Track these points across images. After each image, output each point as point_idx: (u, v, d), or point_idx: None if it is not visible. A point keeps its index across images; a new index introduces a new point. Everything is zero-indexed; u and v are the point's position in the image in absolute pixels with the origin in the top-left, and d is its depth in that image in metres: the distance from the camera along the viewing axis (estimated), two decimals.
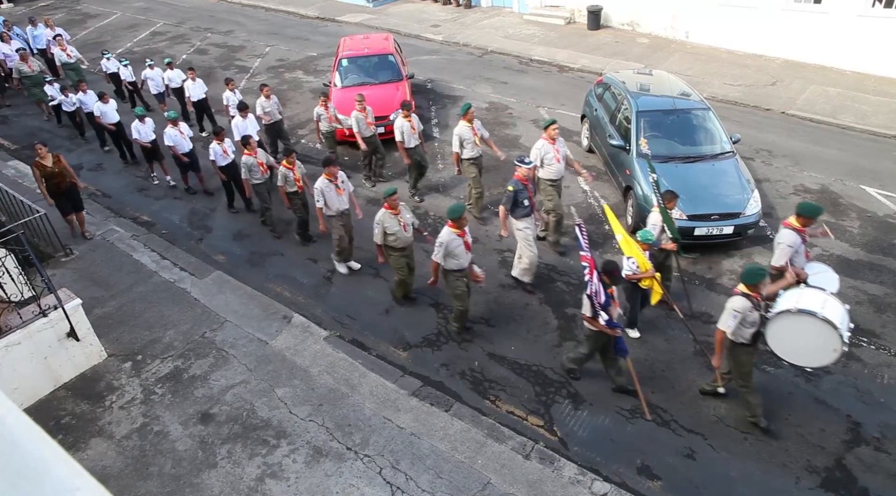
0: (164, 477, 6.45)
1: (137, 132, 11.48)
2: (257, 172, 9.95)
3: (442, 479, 6.23)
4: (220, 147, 10.50)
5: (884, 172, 11.31)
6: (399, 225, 7.95)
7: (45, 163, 9.59)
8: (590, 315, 6.63)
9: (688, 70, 15.59)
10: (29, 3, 26.53)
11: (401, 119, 10.62)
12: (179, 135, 11.09)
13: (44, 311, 7.26)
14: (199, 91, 13.56)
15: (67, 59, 15.57)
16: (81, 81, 13.25)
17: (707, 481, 6.31)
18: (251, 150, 9.85)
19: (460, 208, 7.42)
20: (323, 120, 11.67)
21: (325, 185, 8.68)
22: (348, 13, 22.25)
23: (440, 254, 7.42)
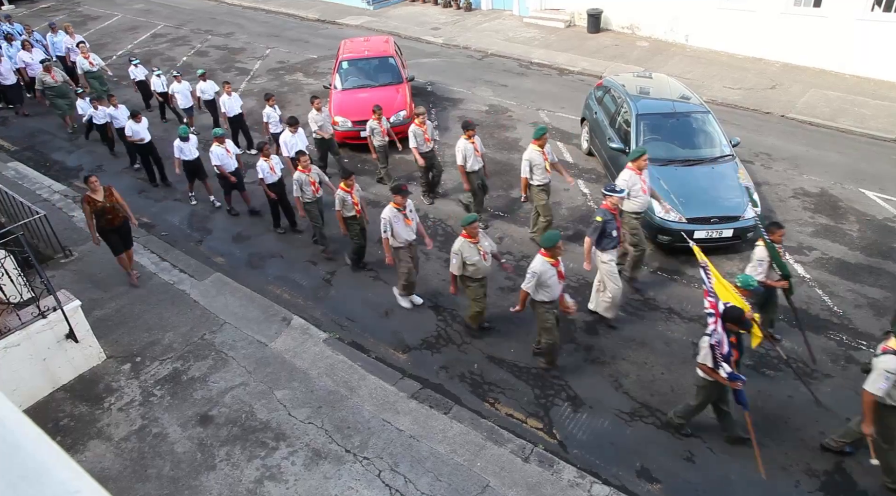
0: (163, 479, 6.44)
1: (180, 151, 10.81)
2: (309, 191, 9.38)
3: (441, 482, 6.23)
4: (268, 164, 9.92)
5: (883, 176, 11.32)
6: (479, 254, 7.41)
7: (96, 197, 8.52)
8: (710, 365, 5.97)
9: (687, 73, 15.61)
10: (29, 5, 26.57)
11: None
12: (226, 153, 10.48)
13: (43, 313, 7.26)
14: (235, 105, 12.75)
15: (90, 67, 15.07)
16: (111, 95, 12.69)
17: (706, 484, 6.31)
18: (305, 167, 9.31)
19: (555, 237, 6.84)
20: (377, 134, 11.10)
21: (392, 215, 8.00)
22: (349, 15, 22.28)
23: (531, 284, 6.88)
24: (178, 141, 10.81)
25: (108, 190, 8.74)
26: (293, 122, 10.75)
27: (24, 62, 15.66)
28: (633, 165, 8.33)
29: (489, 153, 12.63)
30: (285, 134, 10.82)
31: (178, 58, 19.03)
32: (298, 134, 10.80)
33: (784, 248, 7.25)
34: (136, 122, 11.58)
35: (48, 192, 11.80)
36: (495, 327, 8.41)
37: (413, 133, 10.46)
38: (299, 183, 9.29)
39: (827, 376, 7.44)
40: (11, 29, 18.08)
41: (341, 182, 8.74)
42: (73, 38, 16.43)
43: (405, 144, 11.34)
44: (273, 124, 12.10)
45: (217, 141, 10.44)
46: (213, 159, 10.43)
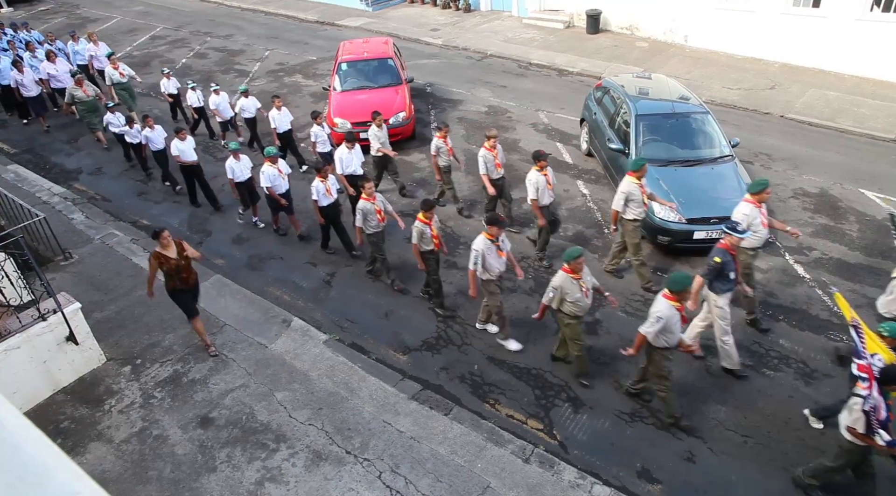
0: (164, 481, 6.44)
1: (232, 171, 10.10)
2: (374, 220, 8.56)
3: (441, 483, 6.23)
4: (324, 185, 9.19)
5: (882, 176, 11.33)
6: (581, 291, 6.85)
7: (167, 254, 7.33)
8: (862, 431, 5.38)
9: (687, 74, 15.62)
10: (28, 7, 26.59)
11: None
12: (278, 174, 9.78)
13: (43, 315, 7.26)
14: (285, 121, 12.00)
15: (121, 77, 14.27)
16: (148, 117, 11.69)
17: (707, 484, 6.30)
18: (369, 195, 8.45)
19: (685, 279, 6.29)
20: (442, 154, 10.23)
21: (486, 246, 7.31)
22: (348, 17, 22.30)
23: (656, 327, 6.29)
24: (231, 160, 10.07)
25: (179, 245, 7.51)
26: (350, 139, 10.08)
27: (49, 74, 14.86)
28: (752, 198, 7.60)
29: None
30: (341, 150, 10.07)
31: (177, 60, 19.04)
32: (355, 151, 10.08)
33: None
34: (182, 139, 10.71)
35: (48, 194, 11.81)
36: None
37: (483, 158, 9.50)
38: (363, 212, 8.46)
39: (827, 376, 7.44)
40: (30, 37, 17.39)
41: (422, 213, 7.91)
42: (96, 46, 15.85)
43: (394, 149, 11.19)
44: (321, 143, 11.38)
45: (269, 160, 9.75)
46: (263, 180, 9.75)
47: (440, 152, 10.21)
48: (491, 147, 9.53)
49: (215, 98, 12.78)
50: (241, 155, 10.13)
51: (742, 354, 7.77)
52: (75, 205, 11.44)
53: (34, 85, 14.60)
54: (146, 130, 11.51)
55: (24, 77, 14.37)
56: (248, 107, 12.71)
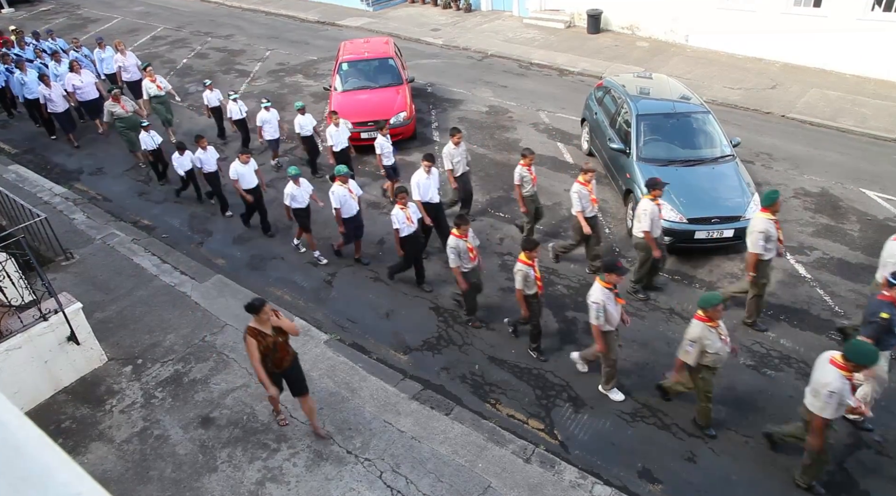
0: (165, 481, 6.45)
1: (292, 198, 9.35)
2: (467, 258, 7.84)
3: (442, 483, 6.23)
4: (404, 213, 8.44)
5: (884, 175, 11.32)
6: (721, 339, 6.26)
7: (264, 330, 6.12)
8: None
9: (688, 73, 15.61)
10: (29, 8, 26.62)
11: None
12: (348, 194, 9.06)
13: (44, 315, 7.27)
14: (343, 138, 11.22)
15: (158, 90, 13.30)
16: (201, 137, 10.73)
17: (708, 485, 6.30)
18: (463, 233, 7.67)
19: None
20: (526, 182, 9.27)
21: (606, 297, 6.62)
22: (348, 17, 22.30)
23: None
24: (291, 185, 9.33)
25: (275, 313, 6.21)
26: (430, 160, 9.12)
27: (74, 86, 13.75)
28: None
29: (488, 154, 12.67)
30: (419, 175, 9.06)
31: (178, 60, 19.05)
32: (433, 174, 9.12)
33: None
34: (244, 163, 9.84)
35: (49, 194, 11.82)
36: (496, 328, 8.42)
37: (577, 194, 8.68)
38: (456, 250, 7.72)
39: None
40: (55, 45, 16.33)
41: (524, 253, 7.27)
42: (124, 56, 14.87)
43: None
44: (386, 156, 10.64)
45: (340, 180, 9.00)
46: (333, 202, 8.99)
47: (524, 181, 9.25)
48: (587, 181, 8.72)
49: (264, 114, 11.90)
50: (301, 180, 9.37)
51: (743, 354, 7.78)
52: (76, 205, 11.45)
53: (62, 100, 13.60)
54: (199, 152, 10.63)
55: (52, 92, 13.43)
56: (305, 125, 11.74)
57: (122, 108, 12.48)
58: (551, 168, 12.04)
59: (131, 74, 14.91)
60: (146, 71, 13.46)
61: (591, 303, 6.65)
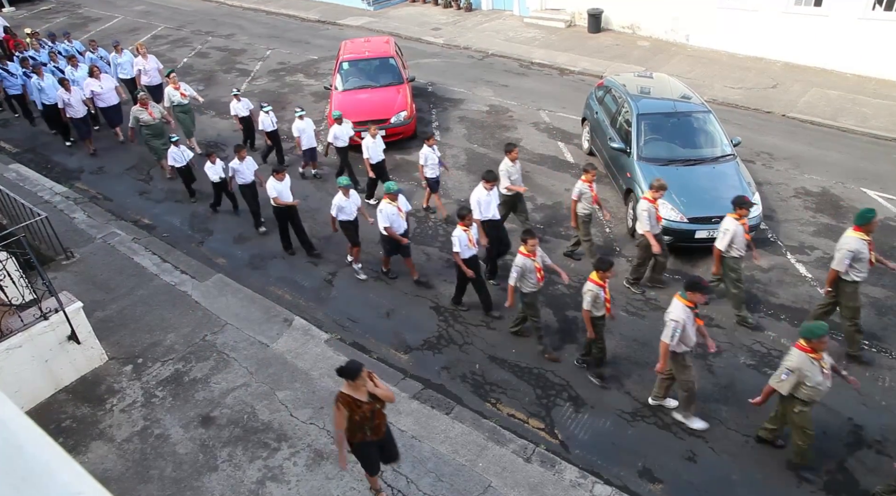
0: (165, 480, 6.45)
1: (339, 209, 8.96)
2: (534, 279, 7.44)
3: (443, 482, 6.23)
4: (466, 234, 7.96)
5: (885, 175, 11.31)
6: (822, 372, 5.90)
7: (358, 396, 5.31)
8: None
9: (688, 73, 15.60)
10: (30, 7, 26.61)
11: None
12: (398, 212, 8.64)
13: (45, 314, 7.27)
14: (379, 151, 10.75)
15: (182, 99, 12.73)
16: (241, 148, 10.14)
17: (708, 484, 6.30)
18: (531, 251, 7.28)
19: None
20: (585, 199, 8.88)
21: (687, 316, 6.28)
22: (349, 16, 22.30)
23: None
24: (340, 196, 8.90)
25: (369, 376, 5.35)
26: (491, 178, 8.62)
27: (93, 92, 13.29)
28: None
29: (489, 153, 12.66)
30: (478, 191, 8.66)
31: (178, 59, 19.04)
32: (493, 193, 8.75)
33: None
34: (279, 180, 9.43)
35: (49, 193, 11.82)
36: (496, 328, 8.42)
37: (647, 212, 8.36)
38: (522, 269, 7.32)
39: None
40: (70, 48, 15.91)
41: (596, 273, 6.91)
42: (145, 60, 14.26)
43: None
44: (430, 168, 10.23)
45: (389, 197, 8.56)
46: (382, 220, 8.57)
47: (583, 198, 8.88)
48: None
49: (299, 124, 11.46)
50: (351, 192, 8.98)
51: (743, 354, 7.78)
52: (77, 204, 11.44)
53: (81, 105, 13.13)
54: (234, 162, 10.10)
55: (73, 96, 12.90)
56: (341, 135, 11.30)
57: (150, 114, 11.92)
58: (552, 167, 12.04)
59: (151, 78, 14.40)
60: (170, 77, 12.92)
61: (669, 321, 6.27)
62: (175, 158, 11.18)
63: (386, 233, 8.66)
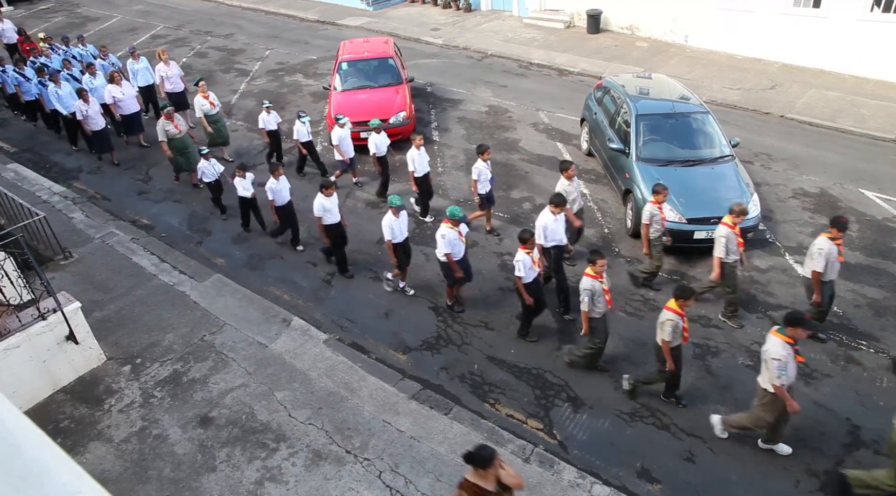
0: (164, 480, 6.44)
1: (390, 230, 8.30)
2: (602, 303, 7.07)
3: (442, 483, 6.23)
4: (530, 257, 7.48)
5: (882, 176, 11.33)
6: None
7: (486, 486, 4.61)
8: None
9: (687, 74, 15.62)
10: (28, 6, 26.57)
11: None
12: (458, 237, 8.03)
13: (43, 315, 7.26)
14: (424, 163, 10.17)
15: (211, 108, 12.13)
16: (278, 166, 9.43)
17: (707, 484, 6.31)
18: (599, 273, 6.93)
19: None
20: (656, 222, 8.35)
21: (788, 353, 5.90)
22: (348, 17, 22.29)
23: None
24: (389, 216, 8.30)
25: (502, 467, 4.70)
26: (559, 202, 8.01)
27: (115, 98, 12.79)
28: None
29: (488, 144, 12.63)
30: (545, 216, 8.06)
31: (177, 59, 18.99)
32: (561, 217, 8.17)
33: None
34: (328, 196, 8.75)
35: (48, 193, 11.80)
36: (495, 328, 8.42)
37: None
38: (592, 293, 6.95)
39: (827, 376, 7.44)
40: (85, 52, 15.30)
41: (675, 301, 6.53)
42: (167, 66, 13.67)
43: None
44: (482, 183, 9.61)
45: (451, 222, 7.91)
46: (443, 246, 7.96)
47: (654, 220, 8.38)
48: (733, 224, 7.78)
49: (339, 131, 11.04)
50: (400, 212, 8.41)
51: (742, 354, 7.79)
52: (75, 204, 11.43)
53: (100, 117, 12.57)
54: (270, 182, 9.39)
55: (91, 107, 12.32)
56: (380, 145, 10.89)
57: (176, 127, 11.43)
58: (550, 168, 12.04)
59: (174, 85, 13.84)
60: (199, 86, 12.26)
61: (772, 361, 5.87)
62: (205, 173, 10.62)
63: (445, 260, 8.09)
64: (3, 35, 18.34)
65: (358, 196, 11.57)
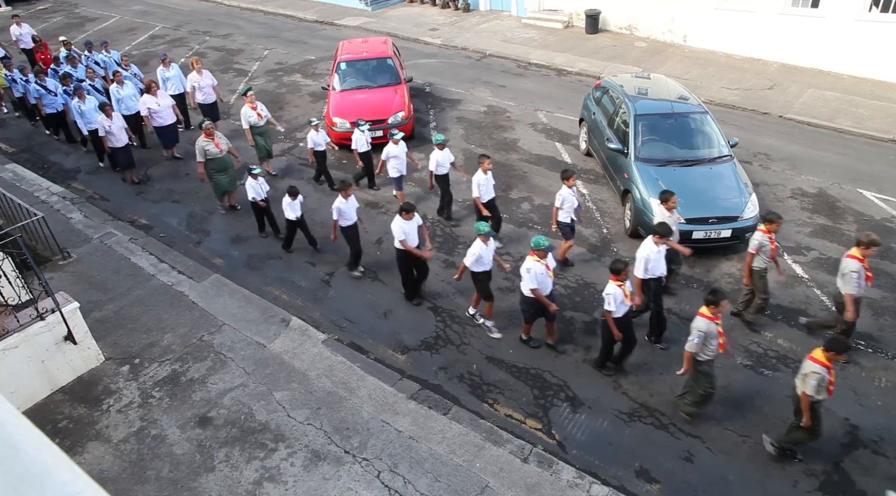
0: (162, 480, 6.44)
1: (478, 259, 7.76)
2: (714, 345, 6.49)
3: (440, 483, 6.23)
4: (622, 291, 7.02)
5: (881, 176, 11.35)
6: None
7: None
8: None
9: (686, 74, 15.63)
10: (26, 6, 26.53)
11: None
12: (545, 271, 7.40)
13: (41, 315, 7.25)
14: (490, 188, 9.47)
15: (258, 120, 11.54)
16: (348, 185, 8.89)
17: (705, 484, 6.32)
18: (714, 314, 6.38)
19: None
20: (764, 252, 7.66)
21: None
22: (347, 17, 22.29)
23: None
24: (478, 244, 7.70)
25: None
26: (665, 232, 7.42)
27: (150, 110, 12.23)
28: None
29: (487, 153, 12.63)
30: (648, 246, 7.42)
31: (175, 59, 18.98)
32: (663, 247, 7.55)
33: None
34: (407, 220, 8.13)
35: (46, 193, 11.78)
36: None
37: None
38: (706, 335, 6.37)
39: None
40: (108, 59, 14.75)
41: (819, 352, 5.99)
42: (200, 76, 13.06)
43: None
44: (565, 212, 8.87)
45: (537, 254, 7.26)
46: (530, 280, 7.30)
47: (762, 250, 7.67)
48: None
49: (392, 148, 10.32)
50: (490, 240, 7.84)
51: (740, 354, 7.80)
52: (74, 204, 11.41)
53: (123, 133, 11.75)
54: (338, 202, 8.82)
55: (114, 123, 11.57)
56: (443, 162, 10.05)
57: (216, 145, 10.49)
58: (549, 168, 12.05)
59: (206, 96, 13.27)
60: (246, 96, 11.62)
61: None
62: (255, 192, 9.94)
63: (533, 295, 7.43)
64: (20, 40, 17.64)
65: (357, 196, 11.54)
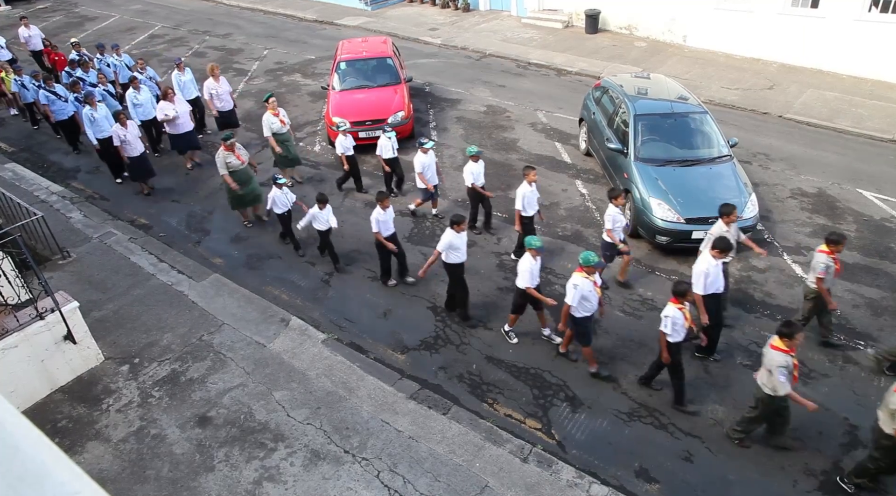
0: (162, 480, 6.43)
1: (532, 275, 7.38)
2: (790, 379, 6.04)
3: (440, 482, 6.23)
4: (683, 313, 6.59)
5: (880, 176, 11.35)
6: None
7: None
8: None
9: (685, 74, 15.64)
10: (25, 6, 26.52)
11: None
12: (594, 288, 7.11)
13: (41, 314, 7.25)
14: (533, 202, 9.06)
15: (281, 126, 11.21)
16: (385, 196, 8.55)
17: (705, 484, 6.32)
18: (790, 347, 5.96)
19: None
20: (831, 271, 7.24)
21: None
22: (347, 16, 22.29)
23: None
24: (528, 259, 7.39)
25: None
26: (725, 247, 7.05)
27: (166, 114, 11.80)
28: None
29: (487, 153, 12.66)
30: (706, 261, 7.08)
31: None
32: (720, 263, 7.20)
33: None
34: (458, 232, 7.82)
35: (46, 193, 11.78)
36: (493, 328, 8.42)
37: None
38: (786, 370, 5.94)
39: (825, 376, 7.46)
40: (119, 62, 14.50)
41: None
42: (217, 82, 12.49)
43: None
44: (616, 232, 8.38)
45: (585, 270, 6.94)
46: (573, 297, 6.99)
47: (829, 271, 7.28)
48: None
49: (423, 158, 9.91)
50: (539, 255, 7.47)
51: (740, 354, 7.80)
52: (73, 203, 11.41)
53: (139, 142, 11.36)
54: (376, 213, 8.55)
55: (129, 131, 11.12)
56: (476, 174, 9.70)
57: (237, 157, 10.15)
58: (549, 168, 12.05)
59: (224, 103, 12.76)
60: (269, 102, 11.28)
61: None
62: (277, 203, 9.67)
63: (577, 315, 7.16)
64: (29, 42, 17.46)
65: (357, 196, 11.56)
